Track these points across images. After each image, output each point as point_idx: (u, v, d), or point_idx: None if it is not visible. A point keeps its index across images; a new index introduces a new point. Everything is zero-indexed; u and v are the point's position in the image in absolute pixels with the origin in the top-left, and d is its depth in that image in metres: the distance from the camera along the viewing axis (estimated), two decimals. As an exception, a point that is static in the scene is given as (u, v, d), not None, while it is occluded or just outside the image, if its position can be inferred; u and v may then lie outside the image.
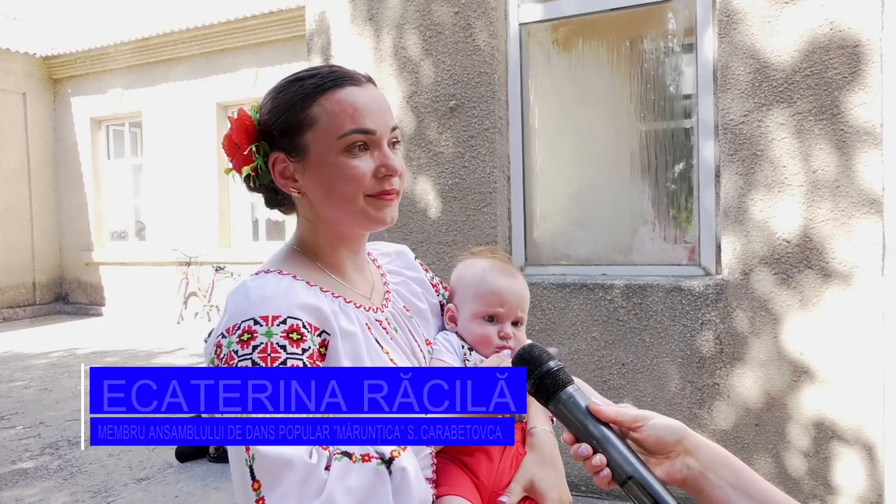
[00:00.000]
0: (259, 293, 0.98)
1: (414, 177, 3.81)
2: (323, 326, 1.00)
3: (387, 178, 1.04)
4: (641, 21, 3.74)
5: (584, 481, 3.49)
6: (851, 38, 2.93)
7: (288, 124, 1.04)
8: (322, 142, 1.02)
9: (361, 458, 0.91)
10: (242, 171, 1.06)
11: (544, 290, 3.55)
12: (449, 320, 1.27)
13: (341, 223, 1.07)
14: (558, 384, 0.91)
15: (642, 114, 3.77)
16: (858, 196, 2.95)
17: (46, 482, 4.15)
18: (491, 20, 3.62)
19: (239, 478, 0.90)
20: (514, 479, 1.08)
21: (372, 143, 1.03)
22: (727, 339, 3.20)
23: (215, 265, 10.46)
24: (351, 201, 1.03)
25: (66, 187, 12.09)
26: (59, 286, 12.30)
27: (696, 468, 0.86)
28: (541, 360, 0.93)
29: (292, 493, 0.86)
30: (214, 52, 10.48)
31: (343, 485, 0.88)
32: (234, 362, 0.93)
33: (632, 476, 0.84)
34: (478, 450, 1.09)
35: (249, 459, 0.88)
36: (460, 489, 1.04)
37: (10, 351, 8.65)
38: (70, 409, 5.80)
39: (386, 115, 1.06)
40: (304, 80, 1.05)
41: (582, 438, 0.89)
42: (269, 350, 0.93)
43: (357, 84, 1.05)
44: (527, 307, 1.28)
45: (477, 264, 1.29)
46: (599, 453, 0.87)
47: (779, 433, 3.13)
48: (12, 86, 11.48)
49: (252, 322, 0.94)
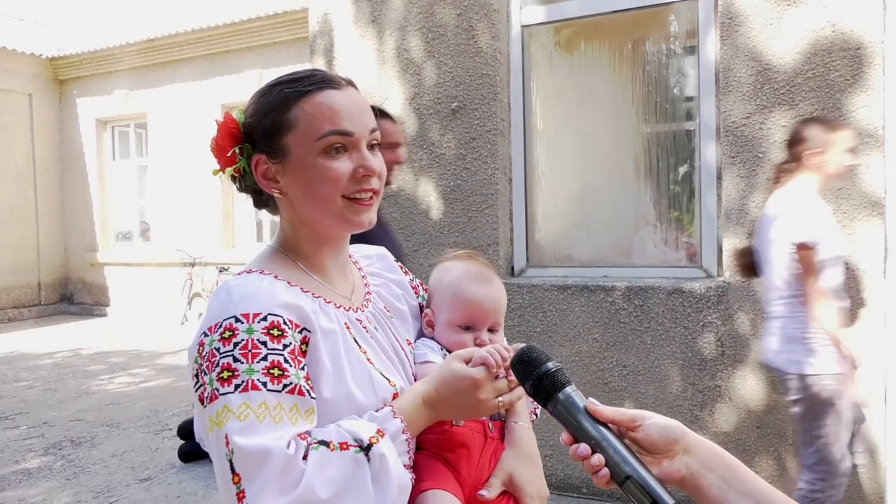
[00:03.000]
0: (240, 292, 1.00)
1: (416, 178, 3.82)
2: (304, 324, 1.01)
3: (365, 179, 1.06)
4: (643, 23, 3.74)
5: (584, 483, 3.49)
6: (853, 40, 2.93)
7: (269, 127, 1.06)
8: (301, 144, 1.04)
9: (339, 446, 0.93)
10: (226, 172, 1.10)
11: (545, 291, 3.55)
12: (426, 325, 1.27)
13: (320, 224, 1.09)
14: (556, 385, 0.92)
15: (644, 116, 3.77)
16: (860, 198, 2.94)
17: (49, 482, 4.17)
18: (493, 22, 3.63)
19: (221, 474, 0.91)
20: (493, 474, 1.10)
21: (350, 145, 1.06)
22: (728, 342, 3.20)
23: (219, 266, 10.48)
24: (329, 202, 1.05)
25: (71, 188, 12.14)
26: (64, 286, 12.35)
27: (694, 467, 0.86)
28: (539, 361, 0.94)
29: (272, 484, 0.87)
30: (219, 53, 10.52)
31: (322, 474, 0.89)
32: (215, 360, 0.94)
33: (630, 476, 0.85)
34: (458, 445, 1.11)
35: (229, 453, 0.89)
36: (444, 483, 1.06)
37: (16, 351, 8.69)
38: (74, 409, 5.83)
39: (365, 117, 1.08)
40: (286, 84, 1.08)
41: (580, 438, 0.89)
42: (249, 346, 0.94)
43: (336, 87, 1.07)
44: (503, 313, 1.26)
45: (453, 270, 1.28)
46: (598, 453, 0.87)
47: (780, 435, 3.12)
48: (18, 87, 11.53)
49: (233, 320, 0.96)
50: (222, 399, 0.91)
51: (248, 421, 0.90)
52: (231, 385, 0.92)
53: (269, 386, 0.92)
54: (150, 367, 7.47)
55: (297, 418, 0.93)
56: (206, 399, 0.94)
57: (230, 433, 0.89)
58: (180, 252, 10.79)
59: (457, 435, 1.11)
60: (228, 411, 0.90)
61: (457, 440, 1.10)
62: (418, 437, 1.10)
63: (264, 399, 0.91)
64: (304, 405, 0.94)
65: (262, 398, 0.91)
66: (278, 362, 0.94)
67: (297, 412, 0.93)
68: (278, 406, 0.92)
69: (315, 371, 1.00)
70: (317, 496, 0.88)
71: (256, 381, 0.92)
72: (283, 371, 0.94)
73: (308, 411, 0.95)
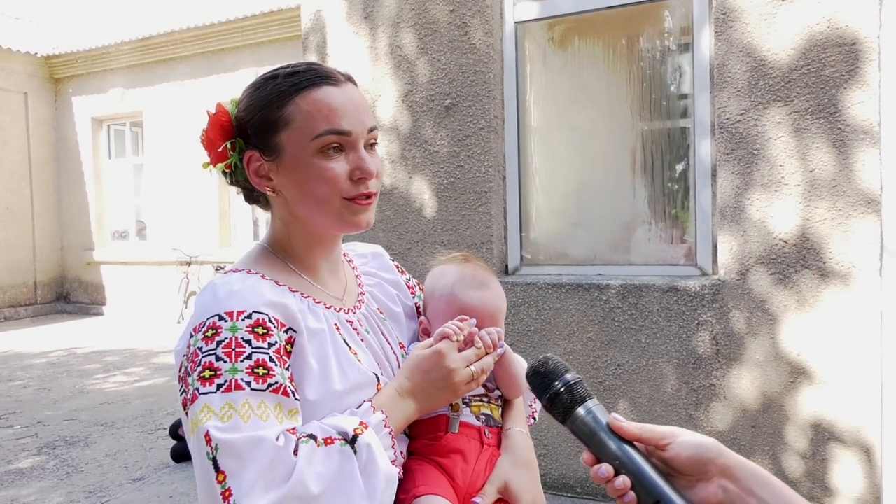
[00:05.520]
0: (225, 290, 0.97)
1: (409, 176, 3.79)
2: (289, 323, 0.98)
3: (362, 181, 1.02)
4: (638, 19, 3.71)
5: (579, 483, 3.47)
6: (849, 35, 2.90)
7: (263, 122, 1.02)
8: (296, 142, 1.00)
9: (324, 441, 0.90)
10: (217, 167, 1.06)
11: (540, 290, 3.53)
12: (422, 333, 1.22)
13: (316, 224, 1.06)
14: (576, 399, 0.83)
15: (639, 113, 3.74)
16: (856, 195, 2.92)
17: (42, 482, 4.14)
18: (486, 18, 3.60)
19: (203, 477, 0.87)
20: (488, 481, 1.07)
21: (347, 145, 1.02)
22: (724, 340, 3.18)
23: (216, 265, 10.45)
24: (327, 203, 1.02)
25: (67, 187, 12.11)
26: (60, 285, 12.32)
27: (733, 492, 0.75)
28: (556, 373, 0.85)
29: (260, 479, 0.84)
30: (215, 51, 10.49)
31: (311, 469, 0.86)
32: (197, 359, 0.91)
33: (659, 501, 0.76)
34: (453, 451, 1.07)
35: (212, 451, 0.85)
36: (439, 489, 1.03)
37: (11, 350, 8.66)
38: (68, 408, 5.80)
39: (363, 115, 1.03)
40: (281, 77, 1.03)
41: (603, 458, 0.80)
42: (233, 345, 0.91)
43: (334, 84, 1.03)
44: (503, 317, 1.22)
45: (447, 275, 1.22)
46: (623, 475, 0.78)
47: (776, 435, 3.10)
48: (13, 85, 11.49)
49: (217, 318, 0.93)
50: (203, 399, 0.88)
51: (231, 422, 0.86)
52: (213, 384, 0.88)
53: (252, 385, 0.89)
54: (146, 367, 7.45)
55: (282, 417, 0.90)
56: (188, 401, 0.90)
57: (211, 430, 0.85)
58: (176, 251, 10.76)
59: (452, 440, 1.08)
60: (210, 412, 0.87)
61: (451, 445, 1.08)
62: (411, 443, 1.08)
63: (247, 399, 0.88)
64: (287, 405, 0.91)
65: (244, 398, 0.88)
66: (263, 361, 0.91)
67: (280, 411, 0.90)
68: (262, 405, 0.88)
69: (299, 372, 0.97)
70: (308, 491, 0.85)
71: (240, 380, 0.89)
72: (268, 370, 0.91)
73: (291, 411, 0.92)
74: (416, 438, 1.09)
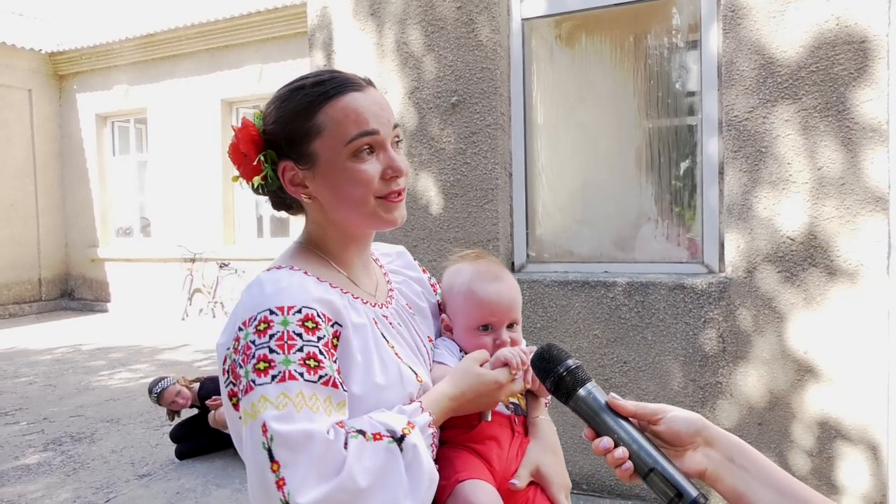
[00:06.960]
0: (274, 286, 1.01)
1: (416, 173, 3.80)
2: (335, 318, 1.02)
3: (393, 179, 1.08)
4: (645, 16, 3.70)
5: (584, 479, 3.47)
6: (858, 33, 2.90)
7: (294, 134, 1.07)
8: (330, 149, 1.05)
9: (373, 436, 0.94)
10: (253, 181, 1.10)
11: (546, 287, 3.53)
12: (445, 329, 1.29)
13: (352, 225, 1.11)
14: (577, 381, 0.94)
15: (646, 110, 3.74)
16: (864, 193, 2.91)
17: (49, 478, 4.16)
18: (493, 15, 3.59)
19: (256, 465, 0.90)
20: (521, 465, 1.15)
21: (377, 145, 1.07)
22: (730, 338, 3.18)
23: (220, 262, 10.47)
24: (362, 204, 1.06)
25: (71, 183, 12.13)
26: (64, 282, 12.35)
27: (716, 459, 0.87)
28: (559, 359, 0.96)
29: (312, 470, 0.88)
30: (219, 48, 10.49)
31: (361, 464, 0.90)
32: (251, 352, 0.95)
33: (654, 468, 0.86)
34: (489, 438, 1.15)
35: (268, 441, 0.89)
36: (481, 473, 1.10)
37: (16, 347, 8.69)
38: (74, 404, 5.82)
39: (387, 114, 1.09)
40: (308, 88, 1.08)
41: (602, 433, 0.91)
42: (285, 338, 0.95)
43: (358, 89, 1.08)
44: (519, 308, 1.28)
45: (463, 272, 1.29)
46: (621, 447, 0.88)
47: (782, 432, 3.10)
48: (18, 82, 11.51)
49: (268, 312, 0.97)
50: (259, 389, 0.92)
51: (286, 410, 0.91)
52: (268, 376, 0.93)
53: (305, 376, 0.93)
54: (151, 363, 7.47)
55: (331, 410, 0.94)
56: (241, 392, 0.95)
57: (268, 420, 0.90)
58: (181, 248, 10.78)
59: (486, 428, 1.15)
60: (266, 401, 0.91)
61: (486, 433, 1.15)
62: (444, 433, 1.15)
63: (301, 389, 0.92)
64: (336, 397, 0.96)
65: (298, 388, 0.92)
66: (314, 353, 0.95)
67: (330, 404, 0.94)
68: (314, 396, 0.93)
69: (346, 365, 1.01)
70: (357, 485, 0.89)
71: (293, 371, 0.93)
72: (318, 362, 0.95)
73: (340, 404, 0.96)
74: (448, 428, 1.14)
